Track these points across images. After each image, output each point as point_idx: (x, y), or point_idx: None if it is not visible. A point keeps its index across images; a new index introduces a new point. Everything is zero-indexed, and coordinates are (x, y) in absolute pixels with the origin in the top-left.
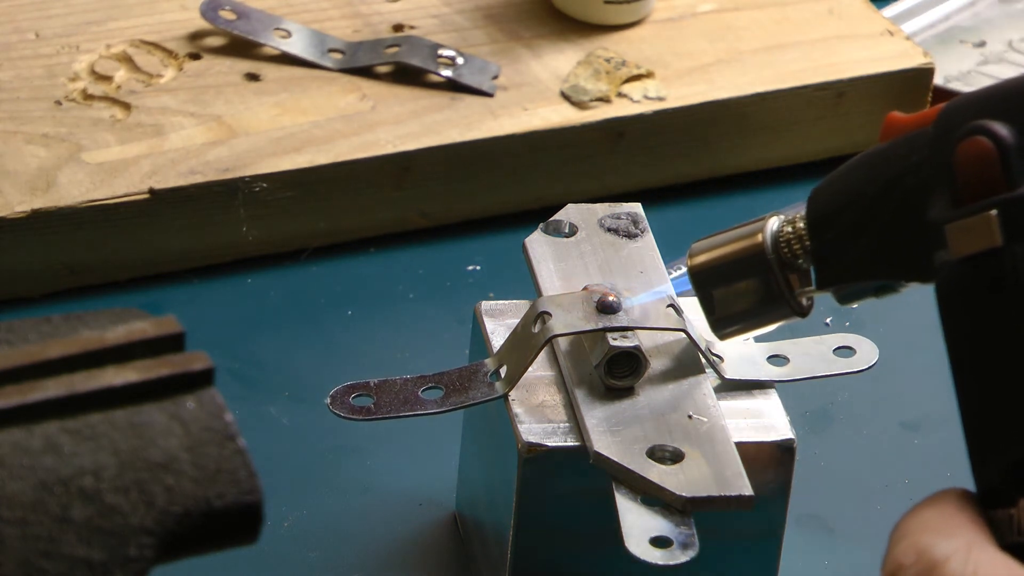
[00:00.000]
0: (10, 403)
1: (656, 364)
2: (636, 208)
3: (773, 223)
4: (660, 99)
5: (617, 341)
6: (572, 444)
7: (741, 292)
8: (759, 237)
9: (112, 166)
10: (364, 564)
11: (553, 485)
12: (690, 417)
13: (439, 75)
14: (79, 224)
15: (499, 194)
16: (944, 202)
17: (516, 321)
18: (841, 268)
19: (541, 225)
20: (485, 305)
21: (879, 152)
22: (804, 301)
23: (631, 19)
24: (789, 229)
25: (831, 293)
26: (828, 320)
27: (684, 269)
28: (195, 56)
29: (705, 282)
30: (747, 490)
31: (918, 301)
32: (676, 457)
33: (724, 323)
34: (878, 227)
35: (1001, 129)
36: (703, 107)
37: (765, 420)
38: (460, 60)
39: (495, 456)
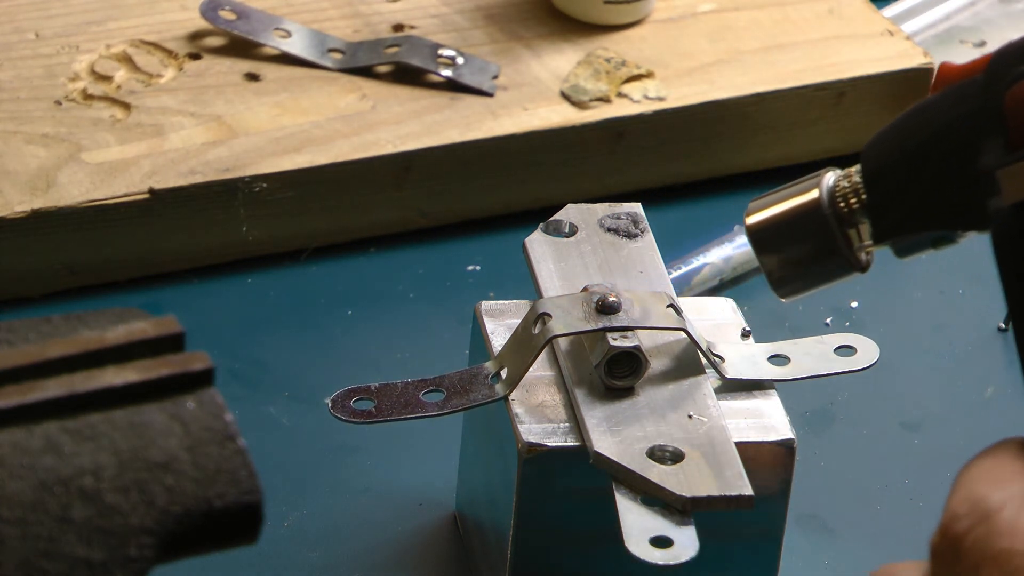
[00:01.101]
0: (10, 403)
1: (656, 364)
2: (636, 208)
3: (829, 178)
4: (660, 99)
5: (617, 341)
6: (572, 444)
7: (799, 249)
8: (815, 192)
9: (112, 166)
10: (364, 564)
11: (553, 485)
12: (690, 417)
13: (439, 75)
14: (79, 224)
15: (499, 194)
16: (996, 149)
17: (516, 321)
18: (897, 220)
19: (541, 225)
20: (485, 305)
21: (930, 102)
22: (863, 256)
23: (631, 19)
24: (845, 183)
25: (889, 246)
26: (828, 320)
27: (684, 269)
28: (195, 56)
29: (762, 240)
30: (747, 490)
31: (919, 300)
32: (676, 457)
33: (783, 281)
34: (931, 177)
35: None
36: (703, 107)
37: (765, 420)
38: (460, 60)
39: (495, 456)
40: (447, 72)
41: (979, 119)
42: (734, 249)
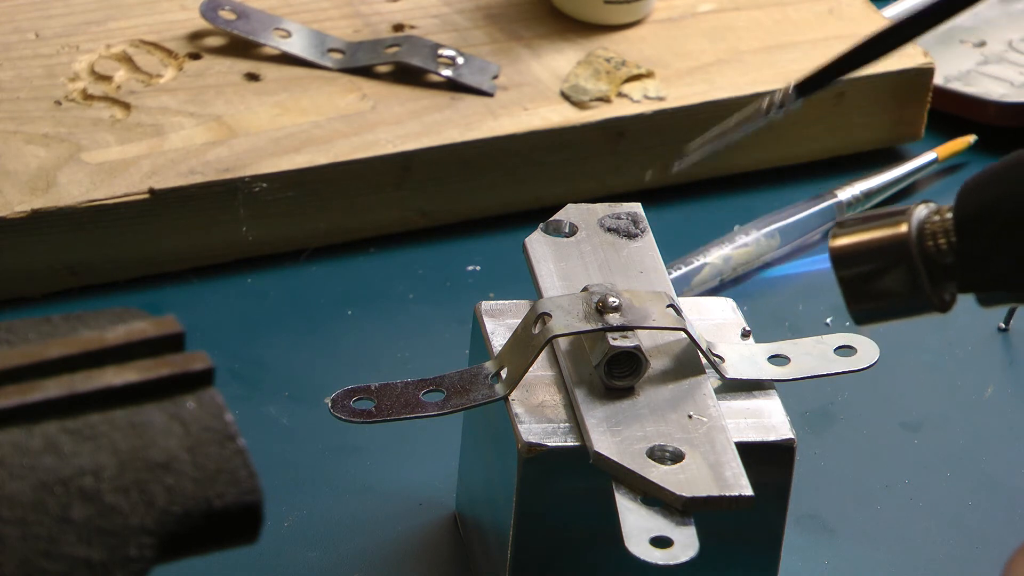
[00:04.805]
0: (10, 403)
1: (656, 364)
2: (636, 208)
3: (920, 211)
4: (660, 99)
5: (617, 341)
6: (572, 444)
7: (881, 281)
8: (904, 227)
9: (112, 166)
10: (364, 564)
11: (553, 485)
12: (690, 417)
13: (439, 75)
14: (79, 224)
15: (499, 194)
16: None
17: (516, 321)
18: (987, 273)
19: (541, 225)
20: (485, 305)
21: None
22: (946, 297)
23: (631, 19)
24: (936, 218)
25: (974, 294)
26: (828, 320)
27: (684, 269)
28: (195, 56)
29: (844, 266)
30: (747, 490)
31: None
32: (676, 457)
33: (860, 309)
34: None
35: None
36: (703, 107)
37: (765, 420)
38: (460, 60)
39: (495, 456)
40: (447, 72)
41: None
42: (734, 249)
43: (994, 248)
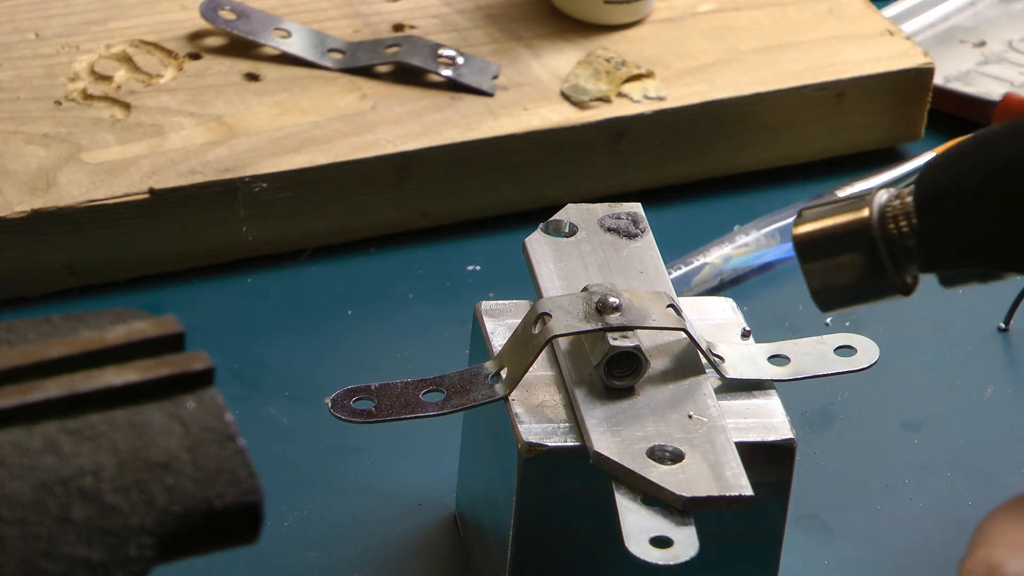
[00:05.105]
0: (10, 403)
1: (656, 364)
2: (636, 208)
3: (881, 196)
4: (660, 99)
5: (617, 341)
6: (572, 444)
7: (844, 266)
8: (865, 211)
9: (112, 166)
10: (364, 564)
11: (553, 485)
12: (690, 417)
13: (439, 75)
14: (79, 224)
15: (499, 194)
16: None
17: (516, 321)
18: (947, 252)
19: (541, 225)
20: (485, 305)
21: (994, 135)
22: (908, 279)
23: (631, 19)
24: (897, 203)
25: (936, 275)
26: (828, 320)
27: (684, 269)
28: (195, 56)
29: (808, 252)
30: (747, 490)
31: (918, 300)
32: (676, 457)
33: (824, 295)
34: (988, 215)
35: None
36: (703, 107)
37: (765, 420)
38: (460, 60)
39: (495, 456)
40: (447, 72)
41: None
42: (734, 249)
43: (953, 225)
